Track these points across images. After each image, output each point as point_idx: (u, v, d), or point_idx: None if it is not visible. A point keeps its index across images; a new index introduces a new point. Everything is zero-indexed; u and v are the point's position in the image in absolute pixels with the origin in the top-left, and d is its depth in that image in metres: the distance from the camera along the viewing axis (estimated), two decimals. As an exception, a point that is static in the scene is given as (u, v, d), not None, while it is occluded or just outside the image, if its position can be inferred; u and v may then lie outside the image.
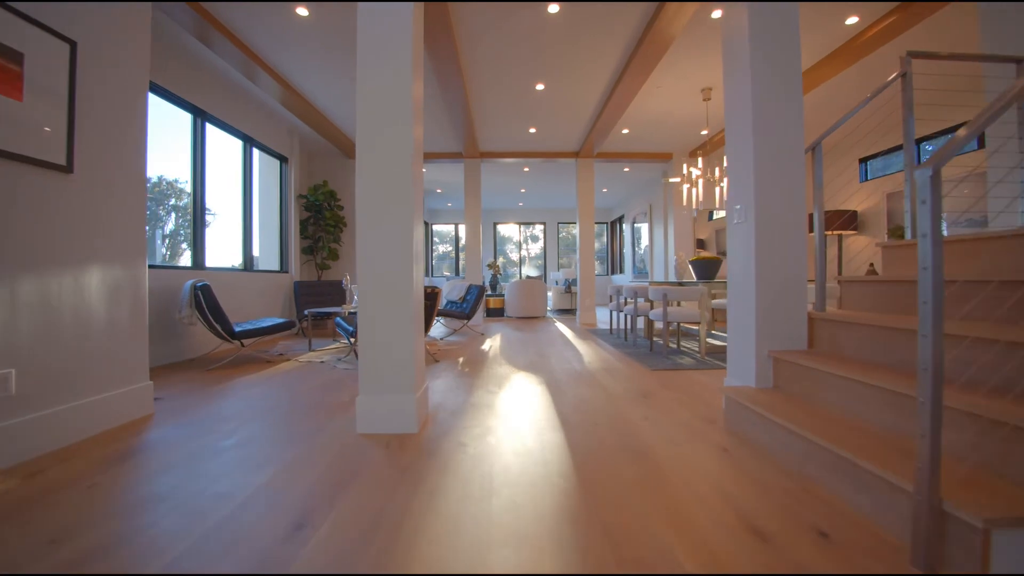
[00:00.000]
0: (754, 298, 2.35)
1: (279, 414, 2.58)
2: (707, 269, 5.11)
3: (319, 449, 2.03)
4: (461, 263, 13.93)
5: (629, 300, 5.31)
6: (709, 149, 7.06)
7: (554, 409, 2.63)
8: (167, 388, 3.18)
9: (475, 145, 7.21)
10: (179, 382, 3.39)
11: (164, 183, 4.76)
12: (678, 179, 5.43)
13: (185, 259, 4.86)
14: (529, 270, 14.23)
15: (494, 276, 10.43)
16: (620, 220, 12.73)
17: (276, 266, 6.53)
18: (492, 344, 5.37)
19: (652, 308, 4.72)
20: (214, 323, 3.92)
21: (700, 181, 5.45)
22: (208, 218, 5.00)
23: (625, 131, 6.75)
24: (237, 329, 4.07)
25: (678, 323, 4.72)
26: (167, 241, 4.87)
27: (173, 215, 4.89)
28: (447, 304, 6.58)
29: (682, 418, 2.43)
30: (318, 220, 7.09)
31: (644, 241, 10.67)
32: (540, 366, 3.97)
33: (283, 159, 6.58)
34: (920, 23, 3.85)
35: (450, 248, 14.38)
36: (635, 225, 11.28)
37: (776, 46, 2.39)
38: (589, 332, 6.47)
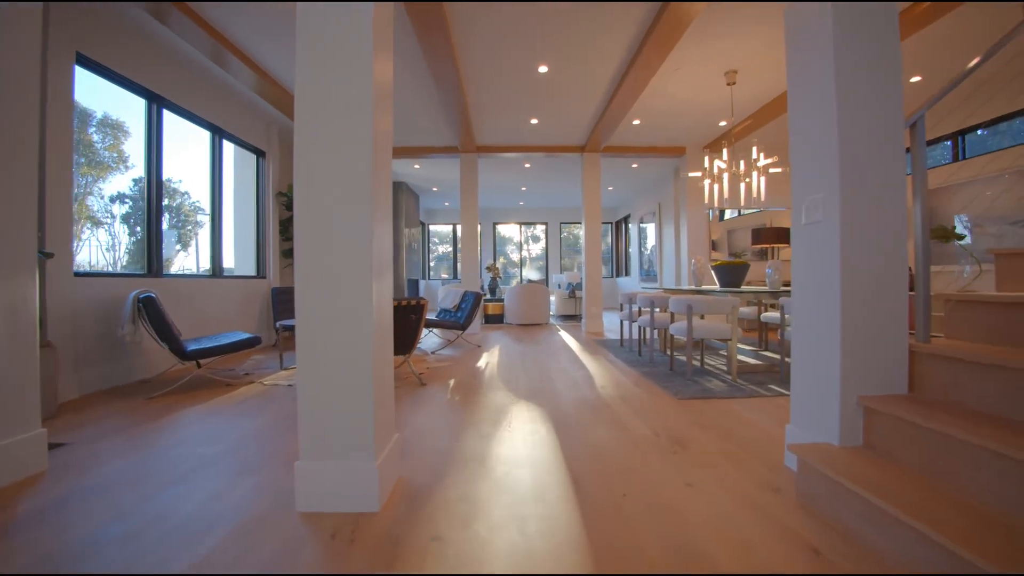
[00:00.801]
0: (838, 324, 1.74)
1: (208, 473, 1.97)
2: (732, 275, 4.51)
3: (238, 540, 1.43)
4: (460, 264, 13.32)
5: (644, 310, 4.70)
6: (732, 139, 6.43)
7: (564, 465, 2.03)
8: (86, 426, 2.59)
9: (471, 139, 6.62)
10: (106, 415, 2.79)
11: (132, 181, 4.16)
12: (699, 173, 4.84)
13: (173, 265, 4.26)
14: (530, 272, 13.63)
15: (493, 280, 9.83)
16: (626, 220, 12.12)
17: (252, 271, 5.94)
18: (489, 360, 4.77)
19: (673, 320, 4.12)
20: (160, 341, 3.33)
21: (725, 176, 4.84)
22: (199, 218, 4.41)
23: (636, 122, 6.14)
24: (190, 348, 3.47)
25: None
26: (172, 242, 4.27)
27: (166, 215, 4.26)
28: (440, 313, 5.98)
29: (736, 483, 1.82)
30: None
31: (651, 242, 10.06)
32: (544, 393, 3.36)
33: (260, 153, 5.98)
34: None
35: (448, 249, 13.79)
36: (641, 225, 10.67)
37: (862, -13, 1.78)
38: (597, 344, 5.87)
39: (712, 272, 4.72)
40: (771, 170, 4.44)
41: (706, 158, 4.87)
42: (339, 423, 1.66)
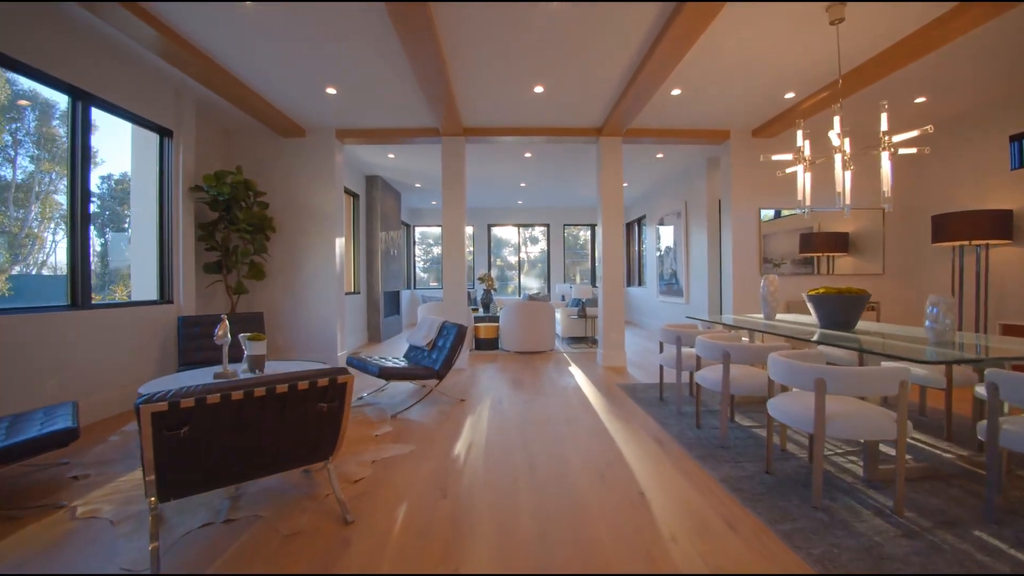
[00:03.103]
0: None
1: None
2: (843, 310, 2.95)
3: None
4: (443, 277, 11.74)
5: (706, 359, 3.14)
6: (805, 113, 4.87)
7: None
8: None
9: (456, 117, 5.03)
10: None
11: None
12: (787, 156, 3.29)
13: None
14: (529, 280, 12.06)
15: (487, 293, 8.25)
16: (640, 221, 10.57)
17: (154, 293, 4.35)
18: (472, 440, 3.19)
19: (772, 393, 2.56)
20: None
21: (839, 159, 3.28)
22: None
23: (675, 92, 4.57)
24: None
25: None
26: None
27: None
28: (410, 353, 4.39)
29: None
30: (230, 222, 4.90)
31: (663, 243, 8.50)
32: (568, 545, 1.80)
33: (165, 132, 4.38)
34: None
35: (440, 253, 12.21)
36: (660, 227, 9.11)
37: None
38: (624, 393, 4.30)
39: (805, 301, 3.16)
40: (901, 150, 2.89)
41: (799, 133, 3.29)
42: None
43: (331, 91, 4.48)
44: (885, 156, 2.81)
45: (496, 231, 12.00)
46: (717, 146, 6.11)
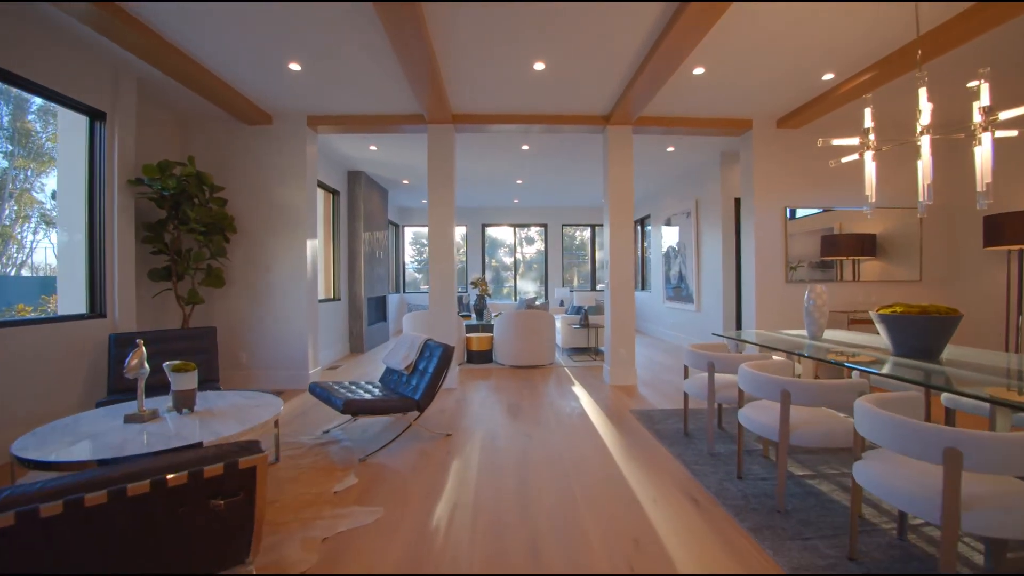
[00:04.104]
0: None
1: None
2: (931, 334, 2.32)
3: None
4: (430, 283, 11.07)
5: (753, 394, 2.49)
6: (842, 99, 4.25)
7: None
8: None
9: (443, 101, 4.37)
10: None
11: None
12: (852, 140, 2.66)
13: None
14: (526, 283, 11.41)
15: (480, 298, 7.60)
16: (643, 221, 9.95)
17: (82, 306, 3.66)
18: (458, 494, 2.54)
19: (859, 454, 1.92)
20: None
21: (926, 141, 2.65)
22: None
23: (698, 70, 3.93)
24: None
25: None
26: None
27: None
28: (386, 377, 3.72)
29: None
30: (180, 221, 4.21)
31: (671, 246, 7.89)
32: None
33: (96, 115, 3.70)
34: None
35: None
36: (666, 228, 8.50)
37: None
38: (638, 420, 3.66)
39: (875, 322, 2.53)
40: (999, 133, 2.27)
41: (867, 111, 2.66)
42: None
43: (294, 67, 3.80)
44: (987, 139, 2.18)
45: (491, 231, 11.33)
46: (736, 138, 5.50)
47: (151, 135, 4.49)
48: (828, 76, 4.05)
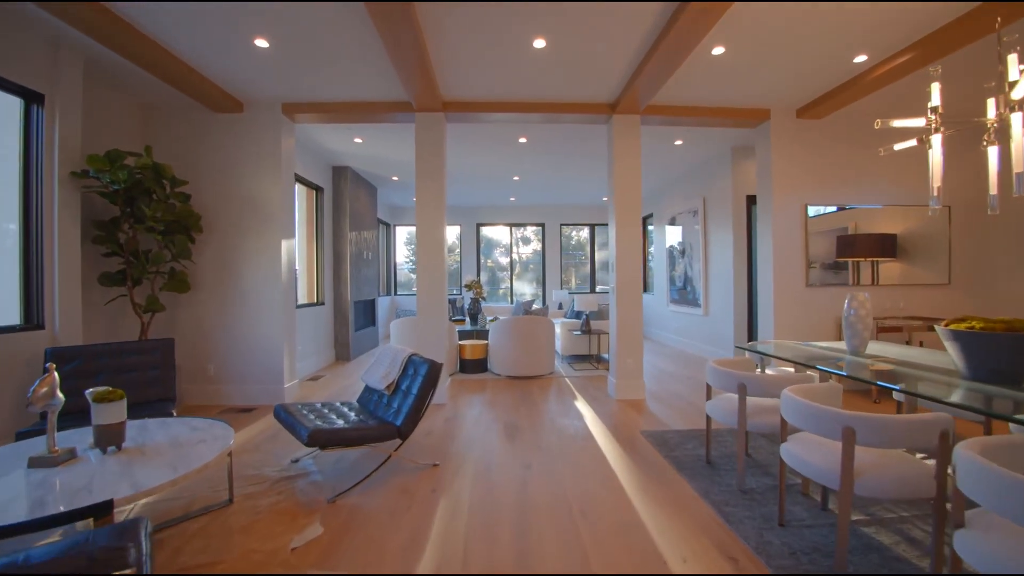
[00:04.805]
0: None
1: None
2: (1018, 355, 1.91)
3: None
4: (417, 287, 10.61)
5: (801, 427, 2.06)
6: (874, 84, 3.83)
7: None
8: None
9: (432, 86, 3.93)
10: None
11: None
12: (919, 120, 2.23)
13: None
14: (523, 285, 10.97)
15: (475, 302, 7.17)
16: (646, 220, 9.53)
17: (15, 317, 3.19)
18: (444, 549, 2.10)
19: (961, 514, 1.50)
20: None
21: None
22: None
23: (718, 50, 3.51)
24: None
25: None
26: None
27: None
28: (364, 397, 3.26)
29: None
30: (136, 219, 3.75)
31: (675, 245, 7.48)
32: None
33: (32, 97, 3.22)
34: None
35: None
36: (670, 227, 8.09)
37: None
38: (652, 444, 3.23)
39: (945, 339, 2.11)
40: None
41: (934, 87, 2.23)
42: None
43: (261, 43, 3.35)
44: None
45: (486, 231, 10.89)
46: (750, 131, 5.10)
47: (109, 124, 4.02)
48: (861, 58, 3.63)
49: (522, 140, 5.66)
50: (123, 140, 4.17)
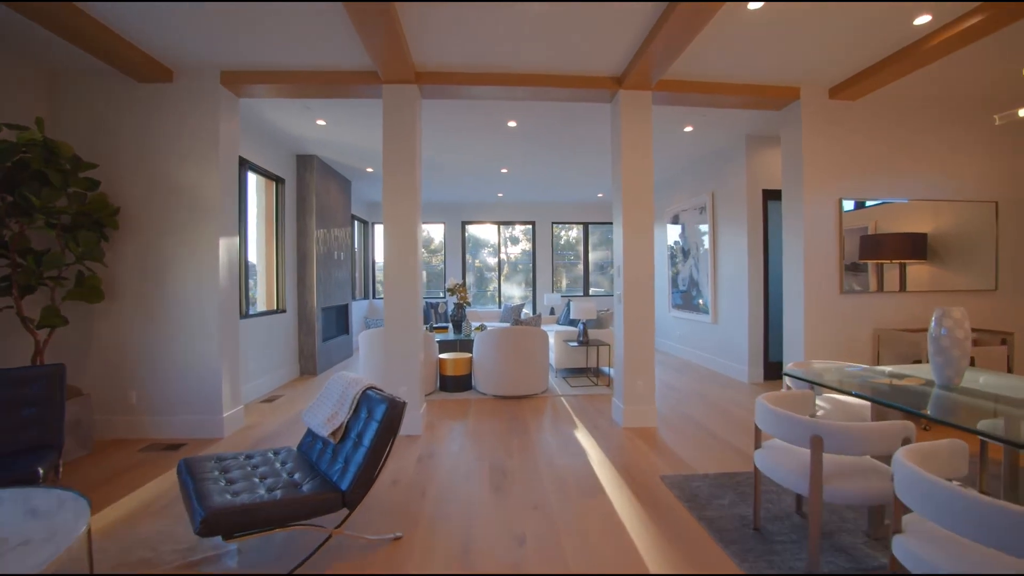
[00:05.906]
0: None
1: None
2: None
3: None
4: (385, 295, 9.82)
5: (932, 519, 1.37)
6: (933, 53, 3.18)
7: None
8: None
9: (403, 52, 3.18)
10: None
11: None
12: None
13: None
14: (511, 288, 10.25)
15: (458, 308, 6.43)
16: (643, 219, 8.86)
17: None
18: None
19: None
20: None
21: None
22: None
23: (755, 4, 2.83)
24: None
25: None
26: None
27: None
28: (306, 444, 2.48)
29: None
30: (22, 211, 2.95)
31: (677, 244, 6.83)
32: None
33: None
34: None
35: (426, 256, 10.25)
36: (672, 225, 7.44)
37: None
38: (676, 495, 2.54)
39: None
40: None
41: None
42: None
43: (173, -19, 2.58)
44: None
45: (472, 229, 10.14)
46: (773, 114, 4.46)
47: (4, 96, 3.21)
48: (923, 19, 2.99)
49: (511, 124, 4.94)
50: (20, 114, 3.35)
